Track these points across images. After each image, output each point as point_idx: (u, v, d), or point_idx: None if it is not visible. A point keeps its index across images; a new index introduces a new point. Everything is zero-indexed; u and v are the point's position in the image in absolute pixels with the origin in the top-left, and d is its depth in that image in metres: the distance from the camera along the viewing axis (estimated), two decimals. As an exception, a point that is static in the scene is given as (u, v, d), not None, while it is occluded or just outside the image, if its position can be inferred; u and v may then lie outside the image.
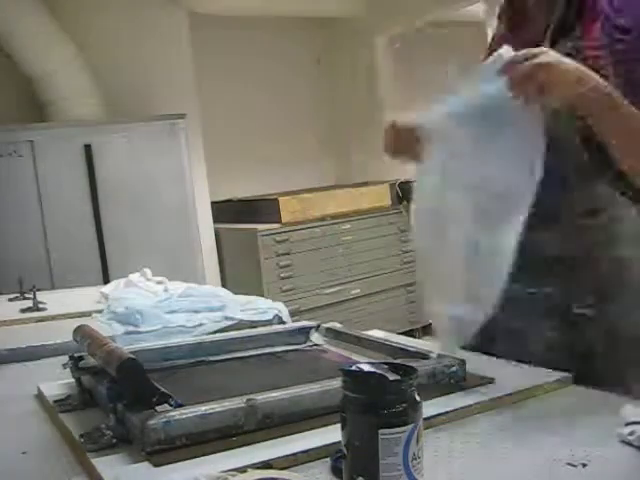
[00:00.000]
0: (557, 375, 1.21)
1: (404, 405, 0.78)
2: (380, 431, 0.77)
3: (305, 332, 1.58)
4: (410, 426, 0.78)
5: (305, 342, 1.56)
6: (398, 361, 0.99)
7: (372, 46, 5.39)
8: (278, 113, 5.51)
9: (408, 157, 1.38)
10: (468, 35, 5.31)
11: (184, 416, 0.98)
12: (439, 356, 1.21)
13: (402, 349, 1.31)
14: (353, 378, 0.81)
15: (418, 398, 0.79)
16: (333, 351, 1.47)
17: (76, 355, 1.34)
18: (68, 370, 1.33)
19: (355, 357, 1.38)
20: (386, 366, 0.83)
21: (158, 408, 1.00)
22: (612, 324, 1.24)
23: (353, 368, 0.83)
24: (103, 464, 0.94)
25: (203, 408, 0.99)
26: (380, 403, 0.77)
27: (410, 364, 0.87)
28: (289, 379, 1.25)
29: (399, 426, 0.77)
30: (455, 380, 1.17)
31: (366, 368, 0.83)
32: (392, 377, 0.80)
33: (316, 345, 1.53)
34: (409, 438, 0.77)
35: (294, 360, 1.47)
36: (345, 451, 0.80)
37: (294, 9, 5.11)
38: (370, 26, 5.34)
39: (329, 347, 1.50)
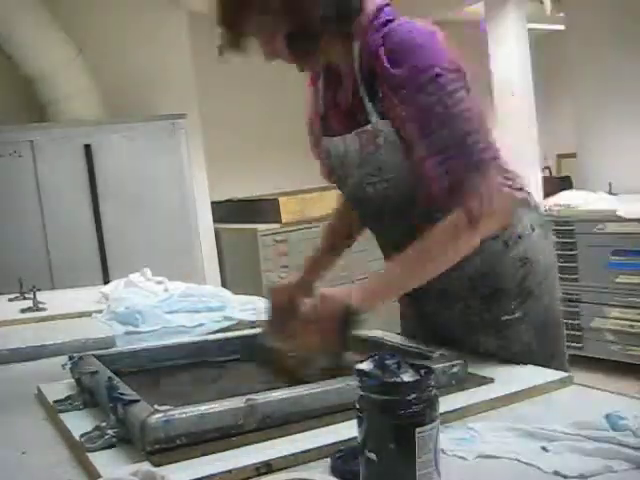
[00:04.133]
0: (557, 375, 1.21)
1: (434, 401, 0.78)
2: (417, 429, 0.76)
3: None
4: (437, 421, 0.78)
5: None
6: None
7: (372, 46, 5.39)
8: (278, 113, 5.50)
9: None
10: (468, 35, 5.31)
11: (184, 415, 0.98)
12: (441, 356, 1.21)
13: (403, 349, 1.31)
14: (384, 382, 0.79)
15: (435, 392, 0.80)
16: None
17: (76, 355, 1.34)
18: (68, 370, 1.33)
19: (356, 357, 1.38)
20: (396, 364, 0.81)
21: (158, 407, 1.00)
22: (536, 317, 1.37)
23: (372, 370, 0.81)
24: (103, 464, 0.94)
25: (203, 408, 0.99)
26: (416, 402, 0.77)
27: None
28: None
29: (431, 422, 0.77)
30: (456, 380, 1.17)
31: (384, 366, 0.81)
32: (412, 375, 0.79)
33: None
34: (437, 433, 0.78)
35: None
36: (374, 456, 0.78)
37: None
38: (370, 26, 5.34)
39: None
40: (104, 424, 1.03)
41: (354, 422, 0.81)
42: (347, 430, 0.93)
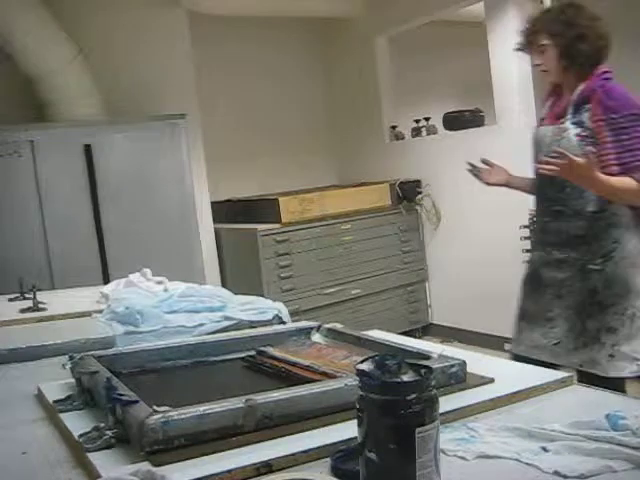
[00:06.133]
0: (557, 375, 1.21)
1: (434, 401, 0.78)
2: (417, 429, 0.76)
3: (306, 332, 1.58)
4: (437, 421, 0.78)
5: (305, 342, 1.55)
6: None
7: (372, 46, 5.39)
8: (278, 113, 5.51)
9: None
10: (468, 35, 5.31)
11: (183, 416, 0.97)
12: (440, 356, 1.21)
13: (403, 349, 1.31)
14: (384, 382, 0.79)
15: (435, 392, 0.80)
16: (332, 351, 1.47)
17: (76, 355, 1.34)
18: (68, 370, 1.33)
19: (355, 358, 1.38)
20: (397, 364, 0.81)
21: (156, 408, 1.00)
22: (610, 274, 2.12)
23: (372, 370, 0.81)
24: (102, 464, 0.94)
25: (202, 408, 0.99)
26: (416, 402, 0.77)
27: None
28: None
29: (431, 422, 0.77)
30: (456, 380, 1.17)
31: (384, 367, 0.81)
32: (412, 375, 0.79)
33: (316, 343, 1.53)
34: (437, 433, 0.78)
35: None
36: (374, 456, 0.78)
37: (294, 9, 5.10)
38: (370, 26, 5.34)
39: (329, 347, 1.50)
40: (103, 424, 1.03)
41: (354, 422, 0.81)
42: (347, 430, 0.93)
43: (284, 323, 1.89)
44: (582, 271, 2.14)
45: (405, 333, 4.21)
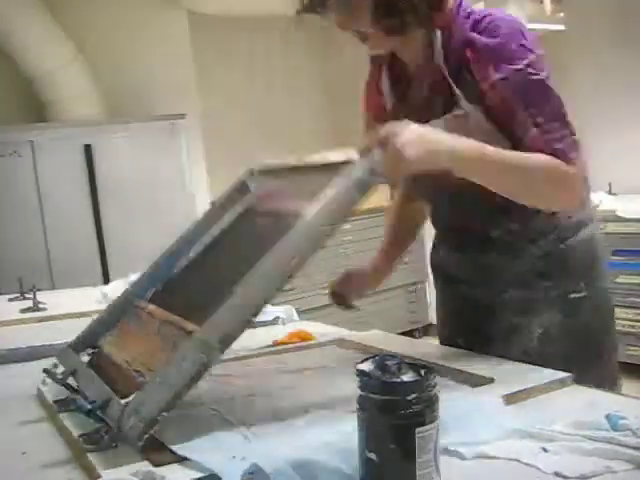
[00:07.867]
0: (557, 375, 1.21)
1: (434, 401, 0.78)
2: (417, 429, 0.76)
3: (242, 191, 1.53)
4: (437, 421, 0.78)
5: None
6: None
7: (372, 46, 5.39)
8: (278, 113, 5.50)
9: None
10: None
11: (151, 394, 0.97)
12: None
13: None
14: (385, 382, 0.79)
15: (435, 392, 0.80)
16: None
17: (49, 368, 1.31)
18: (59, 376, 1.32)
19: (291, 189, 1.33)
20: (397, 364, 0.81)
21: (126, 400, 1.00)
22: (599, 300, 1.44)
23: (374, 370, 0.81)
24: (103, 464, 0.94)
25: (159, 375, 0.98)
26: (416, 402, 0.77)
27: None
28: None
29: (431, 422, 0.77)
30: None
31: (387, 366, 0.81)
32: (412, 375, 0.79)
33: None
34: (437, 433, 0.78)
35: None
36: (374, 456, 0.78)
37: (294, 9, 5.10)
38: (370, 26, 5.34)
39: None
40: (102, 425, 1.03)
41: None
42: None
43: (284, 324, 1.90)
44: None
45: (405, 333, 4.21)
